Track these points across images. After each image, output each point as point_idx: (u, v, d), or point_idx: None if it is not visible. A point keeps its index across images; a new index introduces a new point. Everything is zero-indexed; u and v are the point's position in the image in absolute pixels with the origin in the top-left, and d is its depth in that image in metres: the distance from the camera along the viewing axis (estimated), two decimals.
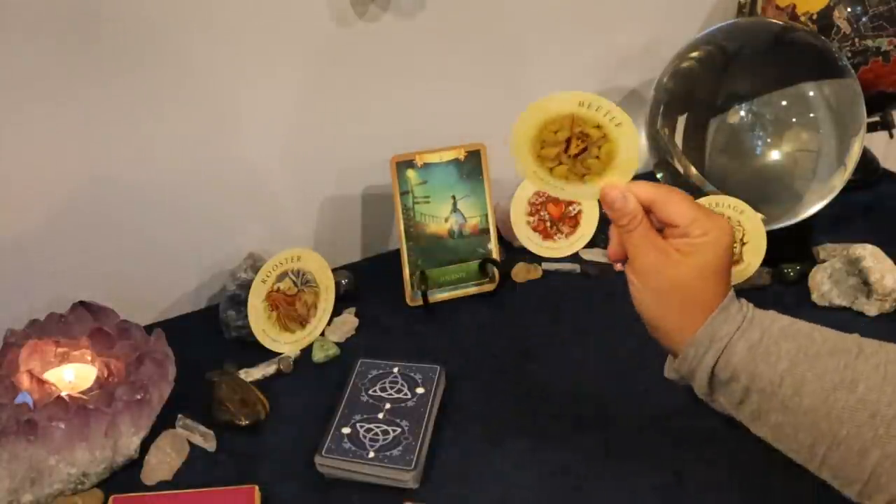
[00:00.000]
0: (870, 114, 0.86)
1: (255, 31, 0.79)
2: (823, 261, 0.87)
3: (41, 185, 0.75)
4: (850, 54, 0.91)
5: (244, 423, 0.71)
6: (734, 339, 0.56)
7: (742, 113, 0.83)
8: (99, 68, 0.73)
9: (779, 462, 0.63)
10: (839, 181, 0.84)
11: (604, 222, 0.97)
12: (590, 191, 0.60)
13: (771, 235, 0.82)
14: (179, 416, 0.71)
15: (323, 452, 0.65)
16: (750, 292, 0.86)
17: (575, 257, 0.95)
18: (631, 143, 0.59)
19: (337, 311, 0.85)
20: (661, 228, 0.59)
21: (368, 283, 0.91)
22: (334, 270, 0.85)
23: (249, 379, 0.77)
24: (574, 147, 0.60)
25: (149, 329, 0.76)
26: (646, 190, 0.58)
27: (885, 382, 0.53)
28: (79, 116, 0.74)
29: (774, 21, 0.89)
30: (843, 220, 0.95)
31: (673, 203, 0.57)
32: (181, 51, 0.77)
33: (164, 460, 0.67)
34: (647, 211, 0.58)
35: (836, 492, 0.55)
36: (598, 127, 0.60)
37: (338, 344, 0.82)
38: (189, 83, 0.78)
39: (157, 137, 0.79)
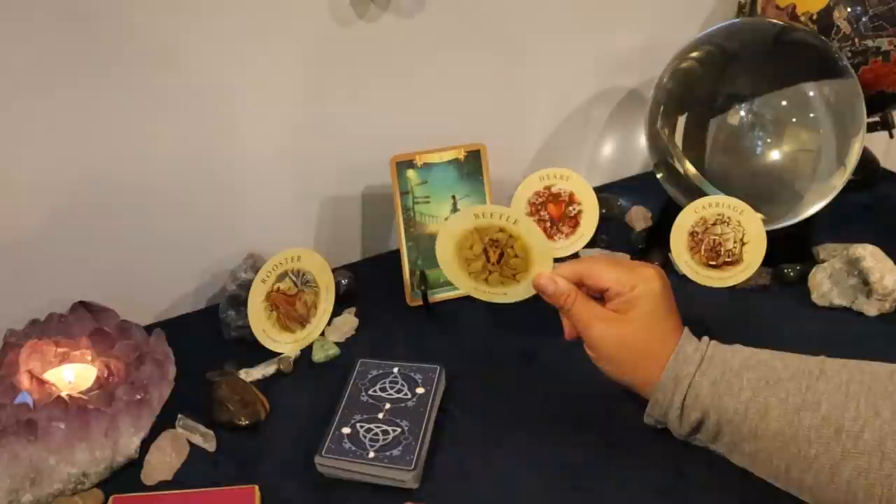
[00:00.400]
0: (870, 114, 0.86)
1: (256, 31, 0.79)
2: (823, 261, 0.87)
3: (41, 186, 0.75)
4: (850, 54, 0.91)
5: (244, 423, 0.71)
6: (696, 378, 0.60)
7: (742, 113, 0.83)
8: (98, 67, 0.73)
9: None
10: (839, 181, 0.84)
11: (604, 222, 0.97)
12: (526, 287, 0.68)
13: (771, 235, 0.82)
14: (179, 416, 0.71)
15: (323, 452, 0.65)
16: (750, 292, 0.86)
17: (575, 257, 0.95)
18: (534, 233, 0.67)
19: (337, 311, 0.85)
20: (600, 297, 0.65)
21: (368, 283, 0.91)
22: (334, 270, 0.85)
23: (249, 379, 0.77)
24: (493, 255, 0.68)
25: (149, 329, 0.76)
26: (570, 269, 0.64)
27: (848, 400, 0.54)
28: (78, 117, 0.74)
29: (774, 21, 0.89)
30: (843, 220, 0.95)
31: (596, 271, 0.63)
32: (181, 50, 0.77)
33: (164, 460, 0.67)
34: (581, 286, 0.64)
35: None
36: (502, 230, 0.67)
37: (338, 344, 0.82)
38: (189, 83, 0.78)
39: (158, 137, 0.79)
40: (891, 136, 0.95)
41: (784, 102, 0.83)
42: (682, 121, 0.87)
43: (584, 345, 0.65)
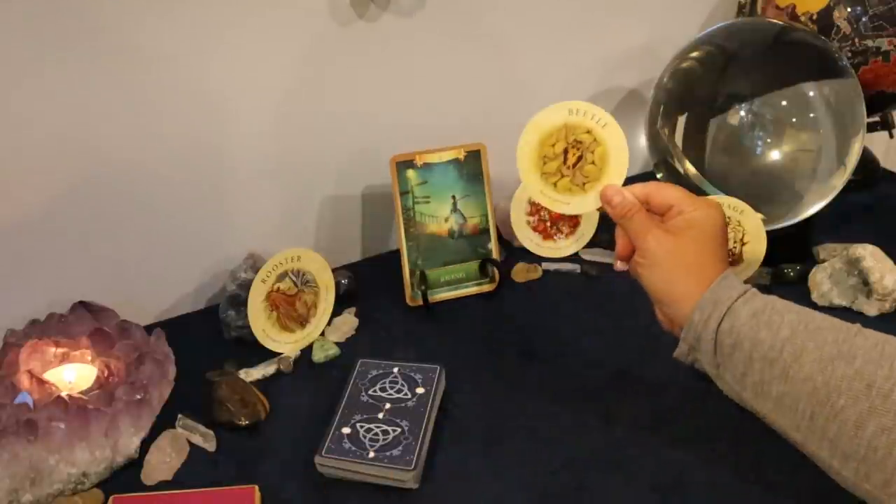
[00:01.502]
0: (870, 114, 0.86)
1: (257, 31, 0.79)
2: (823, 261, 0.87)
3: (41, 185, 0.75)
4: (850, 54, 0.91)
5: (244, 423, 0.71)
6: (737, 304, 0.60)
7: (742, 113, 0.83)
8: (97, 66, 0.73)
9: (779, 462, 0.63)
10: (839, 181, 0.84)
11: (603, 222, 0.97)
12: (592, 199, 0.67)
13: (771, 235, 0.82)
14: (179, 416, 0.71)
15: (323, 452, 0.65)
16: None
17: (575, 257, 0.95)
18: (619, 142, 0.66)
19: (337, 311, 0.85)
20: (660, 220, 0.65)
21: (368, 283, 0.91)
22: (334, 270, 0.85)
23: (249, 379, 0.77)
24: (572, 157, 0.67)
25: (149, 329, 0.76)
26: (640, 186, 0.65)
27: (883, 358, 0.54)
28: (78, 117, 0.74)
29: (774, 21, 0.89)
30: (843, 220, 0.95)
31: (665, 189, 0.64)
32: (182, 50, 0.77)
33: (164, 460, 0.67)
34: (645, 206, 0.64)
35: (837, 493, 0.55)
36: (589, 132, 0.67)
37: (338, 344, 0.82)
38: (189, 83, 0.78)
39: (157, 137, 0.79)
40: (891, 136, 0.95)
41: (784, 102, 0.83)
42: (682, 121, 0.87)
43: (632, 260, 0.65)
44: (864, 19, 0.90)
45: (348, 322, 0.85)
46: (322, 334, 0.83)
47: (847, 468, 0.54)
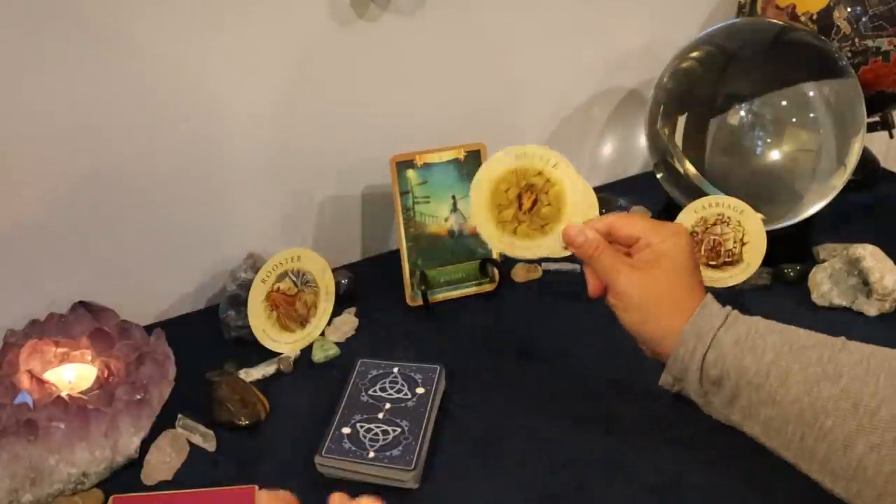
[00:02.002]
0: (870, 114, 0.86)
1: (255, 31, 0.79)
2: (823, 261, 0.87)
3: (40, 186, 0.75)
4: (850, 54, 0.91)
5: (244, 423, 0.71)
6: (720, 333, 0.59)
7: (742, 113, 0.83)
8: (97, 66, 0.73)
9: (779, 463, 0.63)
10: (839, 181, 0.84)
11: None
12: (554, 241, 0.66)
13: (771, 235, 0.82)
14: (179, 416, 0.71)
15: (323, 452, 0.65)
16: (750, 292, 0.86)
17: (575, 257, 0.95)
18: (573, 179, 0.65)
19: (337, 311, 0.85)
20: (627, 254, 0.64)
21: (368, 283, 0.91)
22: (334, 270, 0.85)
23: (249, 379, 0.77)
24: (527, 201, 0.66)
25: (149, 329, 0.76)
26: (601, 220, 0.64)
27: (868, 374, 0.54)
28: (78, 117, 0.74)
29: (774, 21, 0.89)
30: (843, 220, 0.95)
31: (628, 221, 0.63)
32: (183, 50, 0.76)
33: (164, 460, 0.67)
34: (610, 240, 0.63)
35: (833, 497, 0.55)
36: (540, 173, 0.65)
37: (338, 344, 0.82)
38: (189, 82, 0.78)
39: (158, 137, 0.79)
40: (891, 136, 0.95)
41: (784, 102, 0.83)
42: (682, 121, 0.87)
43: (606, 298, 0.64)
44: (864, 19, 0.90)
45: (348, 322, 0.85)
46: (322, 334, 0.83)
47: (838, 486, 0.54)
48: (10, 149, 0.72)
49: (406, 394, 0.71)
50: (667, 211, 0.94)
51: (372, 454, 0.64)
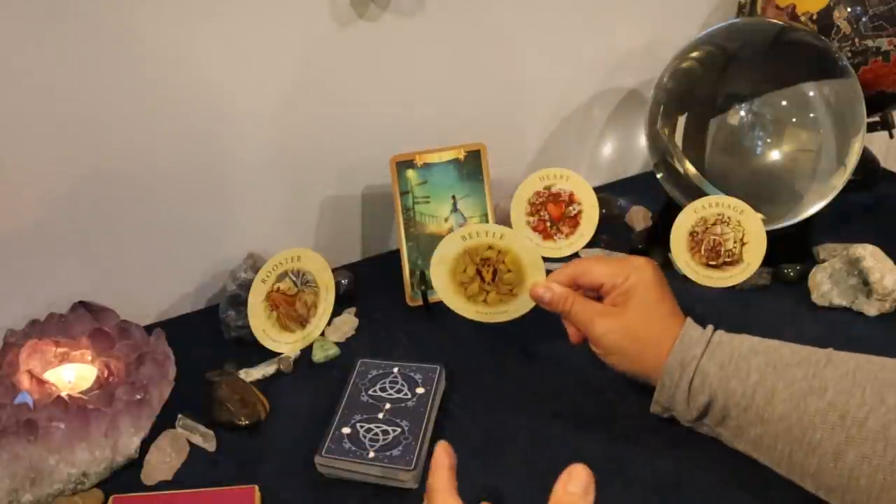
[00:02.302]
0: (870, 114, 0.86)
1: (256, 30, 0.79)
2: (823, 261, 0.87)
3: (40, 185, 0.75)
4: (850, 54, 0.91)
5: (244, 423, 0.71)
6: (703, 361, 0.60)
7: (742, 113, 0.83)
8: (97, 67, 0.73)
9: None
10: (839, 181, 0.84)
11: (603, 223, 0.97)
12: (525, 300, 0.70)
13: (771, 235, 0.82)
14: (179, 416, 0.71)
15: (323, 452, 0.65)
16: (750, 292, 0.86)
17: (575, 257, 0.95)
18: (522, 243, 0.70)
19: (337, 311, 0.85)
20: (599, 298, 0.67)
21: (368, 283, 0.91)
22: (334, 270, 0.85)
23: (249, 379, 0.77)
24: (486, 274, 0.71)
25: (149, 329, 0.76)
26: (563, 273, 0.67)
27: (854, 387, 0.54)
28: (78, 117, 0.74)
29: (774, 21, 0.89)
30: (843, 220, 0.95)
31: (588, 269, 0.66)
32: (181, 50, 0.76)
33: (164, 460, 0.67)
34: (576, 288, 0.66)
35: None
36: (490, 247, 0.70)
37: (338, 344, 0.82)
38: (188, 82, 0.78)
39: (157, 137, 0.79)
40: (891, 136, 0.95)
41: (784, 102, 0.83)
42: (682, 121, 0.87)
43: (589, 345, 0.66)
44: (864, 19, 0.90)
45: (348, 322, 0.85)
46: (322, 334, 0.83)
47: (832, 498, 0.55)
48: (11, 149, 0.72)
49: (406, 394, 0.71)
50: (666, 211, 0.94)
51: (372, 454, 0.64)
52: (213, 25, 0.77)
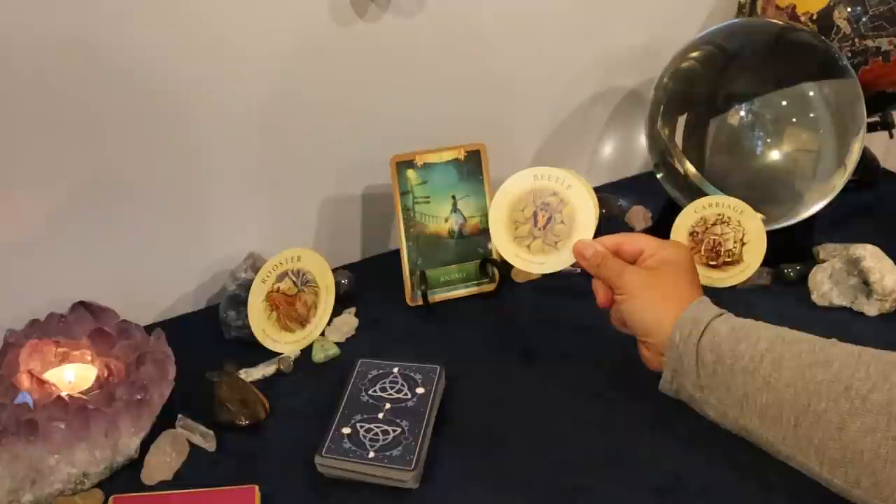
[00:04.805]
0: (870, 114, 0.86)
1: (255, 30, 0.79)
2: (823, 261, 0.87)
3: (41, 186, 0.75)
4: (850, 54, 0.91)
5: (244, 423, 0.71)
6: (715, 321, 0.62)
7: (742, 113, 0.83)
8: (97, 66, 0.73)
9: (778, 462, 0.63)
10: (839, 181, 0.84)
11: (603, 223, 0.97)
12: (565, 256, 0.71)
13: (771, 235, 0.82)
14: (179, 416, 0.71)
15: (323, 452, 0.65)
16: (750, 292, 0.86)
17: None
18: (585, 200, 0.71)
19: (337, 311, 0.85)
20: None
21: (368, 283, 0.91)
22: (334, 270, 0.85)
23: (249, 379, 0.77)
24: (541, 219, 0.72)
25: (149, 329, 0.76)
26: (610, 237, 0.70)
27: (859, 363, 0.56)
28: (77, 116, 0.74)
29: (774, 21, 0.89)
30: (843, 220, 0.95)
31: (635, 237, 0.69)
32: (182, 49, 0.76)
33: (164, 460, 0.67)
34: (617, 255, 0.69)
35: (835, 495, 0.55)
36: (555, 194, 0.71)
37: (338, 344, 0.82)
38: (188, 83, 0.78)
39: (157, 137, 0.79)
40: (891, 136, 0.95)
41: (784, 102, 0.83)
42: (682, 121, 0.87)
43: (614, 303, 0.68)
44: (864, 19, 0.90)
45: (348, 322, 0.85)
46: (322, 334, 0.83)
47: (837, 475, 0.55)
48: (11, 149, 0.72)
49: (406, 394, 0.71)
50: (666, 211, 0.94)
51: (372, 454, 0.64)
52: (214, 24, 0.77)
